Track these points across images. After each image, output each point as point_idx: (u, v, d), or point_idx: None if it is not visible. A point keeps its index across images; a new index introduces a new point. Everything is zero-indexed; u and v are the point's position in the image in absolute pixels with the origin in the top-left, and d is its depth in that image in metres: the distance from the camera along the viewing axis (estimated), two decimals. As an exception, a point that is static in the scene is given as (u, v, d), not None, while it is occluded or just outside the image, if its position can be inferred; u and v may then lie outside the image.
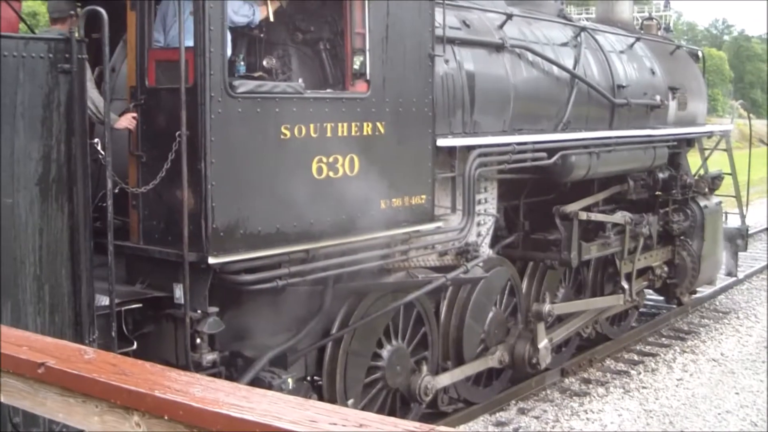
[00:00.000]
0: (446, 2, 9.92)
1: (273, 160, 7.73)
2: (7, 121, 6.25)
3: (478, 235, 10.80)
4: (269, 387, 7.96)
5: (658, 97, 14.44)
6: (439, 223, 9.59)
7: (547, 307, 11.89)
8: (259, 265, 7.76)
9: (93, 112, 7.03)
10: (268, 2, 8.24)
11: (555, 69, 12.01)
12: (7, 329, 3.61)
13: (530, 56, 11.60)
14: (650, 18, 18.16)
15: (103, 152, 6.92)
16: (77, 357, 3.18)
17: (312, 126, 7.98)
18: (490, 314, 11.34)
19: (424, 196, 9.23)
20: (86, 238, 6.66)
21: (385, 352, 9.67)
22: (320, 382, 9.17)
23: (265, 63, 8.20)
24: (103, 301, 6.97)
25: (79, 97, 6.56)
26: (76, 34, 6.56)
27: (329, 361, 9.16)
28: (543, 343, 11.77)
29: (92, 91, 7.09)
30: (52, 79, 6.47)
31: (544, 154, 11.35)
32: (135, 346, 7.24)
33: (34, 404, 3.17)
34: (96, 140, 6.94)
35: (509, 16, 11.53)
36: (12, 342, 3.34)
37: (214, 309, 7.47)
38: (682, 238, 15.60)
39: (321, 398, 9.01)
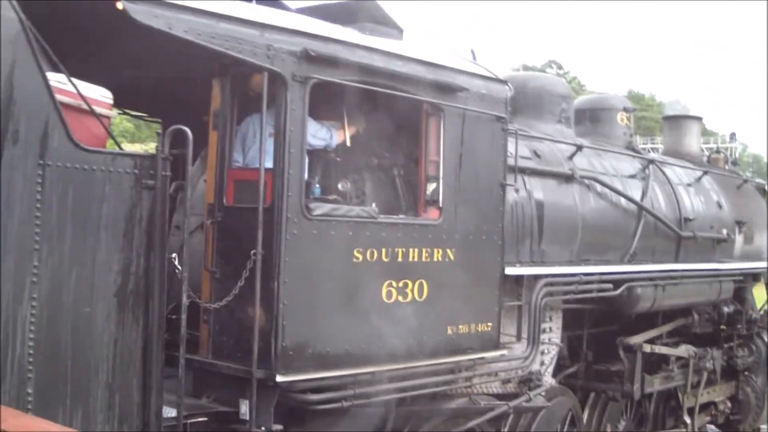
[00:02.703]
0: (518, 132, 10.04)
1: (344, 283, 7.80)
2: (91, 233, 6.38)
3: (542, 363, 10.72)
4: (328, 508, 7.91)
5: (724, 231, 14.39)
6: (504, 351, 9.54)
7: (608, 439, 11.72)
8: (325, 385, 7.76)
9: None
10: (346, 127, 8.41)
11: (623, 200, 12.05)
12: None
13: (599, 187, 11.67)
14: (718, 151, 18.18)
15: (179, 267, 7.02)
16: None
17: (384, 250, 8.06)
18: (550, 444, 11.17)
19: (490, 324, 9.22)
20: (158, 350, 6.71)
21: (445, 477, 9.53)
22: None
23: (340, 186, 8.32)
24: (170, 413, 6.99)
25: (160, 212, 6.69)
26: (162, 152, 6.71)
27: (389, 483, 9.05)
28: (603, 475, 11.56)
29: None
30: (136, 193, 6.60)
31: (609, 285, 11.32)
32: (197, 459, 7.22)
33: None
34: (174, 255, 7.05)
35: (579, 148, 11.64)
36: None
37: (278, 427, 7.47)
38: (746, 373, 15.34)
39: None
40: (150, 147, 7.35)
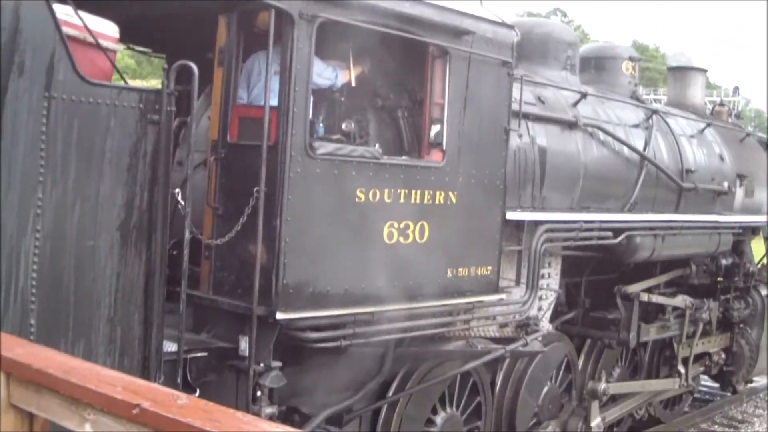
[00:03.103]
0: (523, 78, 10.00)
1: (346, 222, 7.81)
2: (95, 167, 6.38)
3: (539, 309, 10.77)
4: (322, 445, 8.00)
5: (725, 184, 14.37)
6: (503, 295, 9.57)
7: (602, 386, 11.81)
8: (324, 324, 7.80)
9: None
10: (351, 67, 8.37)
11: (625, 149, 12.02)
12: (101, 368, 3.67)
13: (602, 135, 11.63)
14: (722, 104, 18.08)
15: (183, 202, 7.03)
16: (170, 401, 3.21)
17: (386, 191, 8.06)
18: (545, 389, 11.27)
19: (489, 268, 9.24)
20: (160, 284, 6.74)
21: (438, 419, 9.61)
22: (372, 444, 9.14)
23: (344, 126, 8.29)
24: (171, 347, 7.04)
25: (164, 147, 6.68)
26: (168, 87, 6.69)
27: (383, 423, 9.13)
28: (596, 421, 11.67)
29: None
30: (141, 128, 6.59)
31: (609, 234, 11.33)
32: (197, 393, 7.28)
33: (126, 443, 3.20)
34: (177, 190, 7.05)
35: (583, 95, 11.59)
36: (107, 381, 3.39)
37: (277, 363, 7.51)
38: (741, 326, 15.43)
39: (372, 459, 9.00)
40: (151, 84, 7.32)
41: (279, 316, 7.37)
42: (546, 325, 10.93)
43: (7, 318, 5.99)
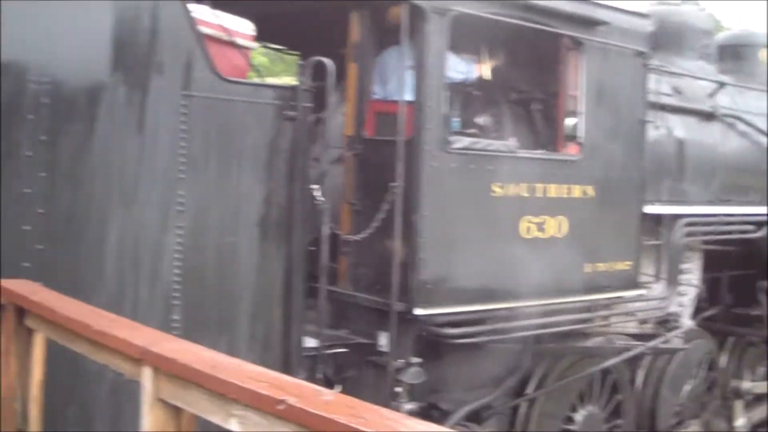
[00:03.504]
0: (659, 68, 9.75)
1: (483, 217, 7.71)
2: (234, 164, 6.41)
3: (680, 305, 10.45)
4: (462, 441, 7.90)
5: None
6: (642, 291, 9.34)
7: (746, 385, 11.42)
8: (462, 320, 7.71)
9: None
10: (485, 61, 8.26)
11: (765, 140, 11.60)
12: (247, 364, 3.64)
13: (741, 126, 11.26)
14: None
15: (321, 198, 7.01)
16: (315, 397, 3.15)
17: (523, 185, 7.94)
18: (687, 387, 10.92)
19: (628, 263, 9.02)
20: (300, 280, 6.74)
21: (578, 417, 9.39)
22: (512, 441, 9.00)
23: (479, 120, 8.19)
24: (311, 343, 7.03)
25: (301, 143, 6.68)
26: (303, 83, 6.69)
27: (522, 420, 8.96)
28: (740, 421, 11.31)
29: None
30: (277, 125, 6.60)
31: (751, 227, 10.95)
32: (338, 389, 7.24)
33: (271, 439, 3.16)
34: (315, 186, 7.04)
35: (721, 85, 11.23)
36: (253, 377, 3.36)
37: (416, 360, 7.45)
38: None
39: (511, 457, 8.86)
40: (283, 80, 7.37)
41: (417, 311, 7.32)
42: (687, 322, 10.60)
43: (152, 314, 6.04)
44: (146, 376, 3.79)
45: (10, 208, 5.49)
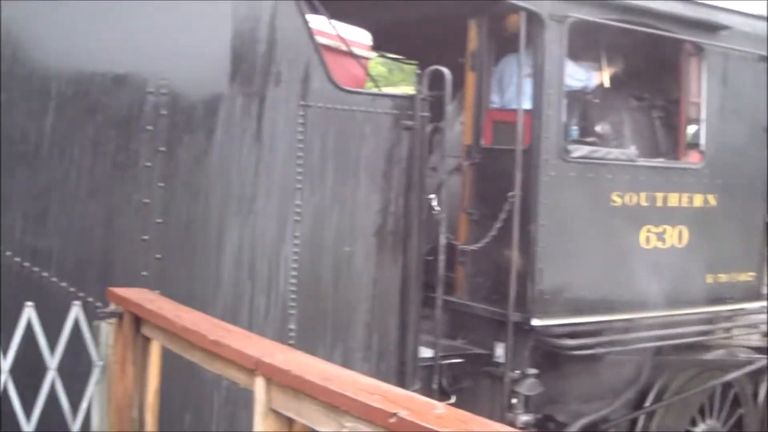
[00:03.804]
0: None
1: (601, 227, 7.47)
2: (351, 173, 6.28)
3: (806, 318, 9.98)
4: (579, 455, 7.64)
5: None
6: (766, 303, 8.92)
7: None
8: (580, 331, 7.47)
9: None
10: (604, 68, 8.01)
11: None
12: (359, 376, 3.53)
13: None
14: None
15: (438, 207, 6.85)
16: (428, 410, 3.03)
17: (643, 195, 7.66)
18: (812, 402, 10.43)
19: (751, 273, 8.64)
20: (416, 290, 6.57)
21: (698, 431, 9.04)
22: (629, 455, 8.69)
23: (598, 128, 7.94)
24: (426, 353, 6.86)
25: (419, 153, 6.51)
26: (421, 93, 6.52)
27: (641, 434, 8.67)
28: None
29: None
30: (395, 134, 6.45)
31: None
32: (453, 400, 7.07)
33: (382, 451, 3.06)
34: (432, 196, 6.88)
35: None
36: (365, 389, 3.26)
37: (533, 371, 7.25)
38: None
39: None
40: (402, 90, 7.24)
41: (535, 322, 7.12)
42: (813, 335, 10.12)
43: (267, 323, 5.96)
44: (259, 387, 3.72)
45: (130, 217, 5.45)
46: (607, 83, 8.03)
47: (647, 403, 8.56)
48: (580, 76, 7.79)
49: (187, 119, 5.64)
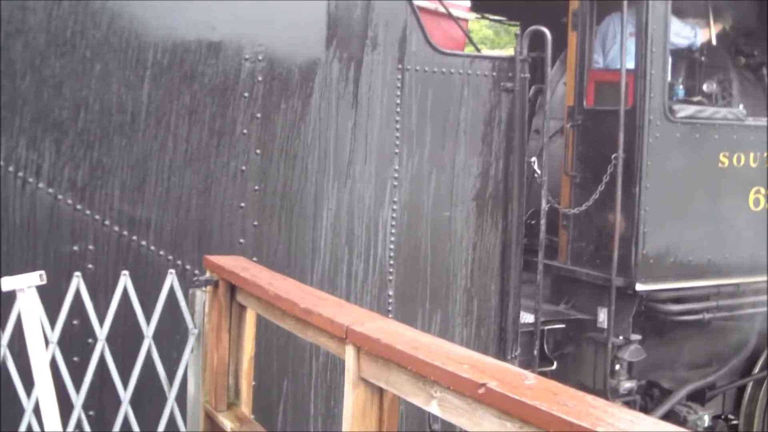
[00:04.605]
0: None
1: (708, 189, 7.10)
2: (450, 137, 6.04)
3: None
4: (684, 422, 7.31)
5: None
6: None
7: None
8: (685, 296, 7.13)
9: None
10: (711, 25, 7.57)
11: None
12: (449, 345, 3.36)
13: None
14: None
15: (539, 171, 6.57)
16: (518, 381, 2.86)
17: (752, 155, 7.25)
18: None
19: None
20: (517, 254, 6.32)
21: (808, 398, 8.61)
22: (736, 422, 8.31)
23: (704, 87, 7.52)
24: (527, 318, 6.62)
25: (519, 115, 6.23)
26: (521, 54, 6.23)
27: (748, 401, 8.26)
28: None
29: None
30: (494, 96, 6.18)
31: None
32: (554, 366, 6.82)
33: (470, 423, 2.91)
34: (533, 159, 6.60)
35: None
36: (454, 359, 3.10)
37: (636, 337, 6.96)
38: None
39: (736, 439, 8.20)
40: (510, 52, 6.99)
41: (639, 287, 6.80)
42: None
43: (366, 289, 5.78)
44: (349, 355, 3.57)
45: (227, 185, 5.31)
46: (714, 40, 7.58)
47: (756, 371, 8.17)
48: (686, 33, 7.38)
49: (284, 85, 5.46)
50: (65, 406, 4.40)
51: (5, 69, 4.81)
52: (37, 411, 4.27)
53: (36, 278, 4.24)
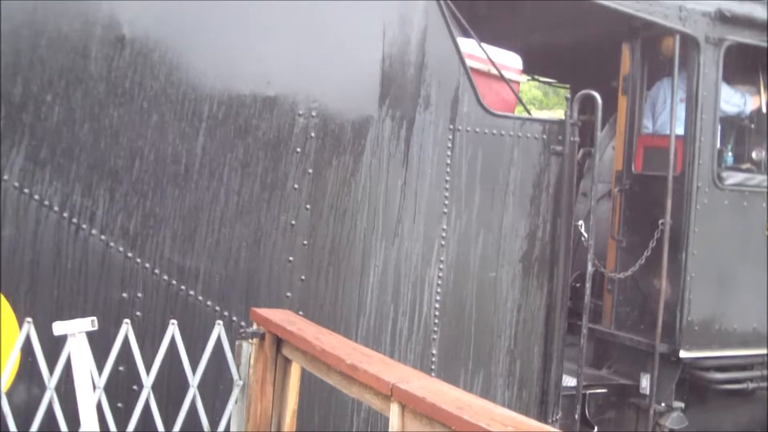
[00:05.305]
0: None
1: (754, 257, 7.07)
2: (499, 198, 6.05)
3: None
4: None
5: None
6: None
7: None
8: (730, 364, 7.07)
9: None
10: (762, 92, 7.55)
11: None
12: (493, 406, 3.39)
13: None
14: None
15: (585, 234, 6.56)
16: None
17: (799, 224, 7.20)
18: None
19: None
20: (561, 317, 6.29)
21: None
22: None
23: (753, 155, 7.49)
24: (569, 382, 6.57)
25: (568, 178, 6.23)
26: (571, 117, 6.25)
27: (789, 471, 8.14)
28: None
29: None
30: (544, 159, 6.19)
31: None
32: (595, 430, 6.76)
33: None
34: (580, 222, 6.60)
35: None
36: (498, 420, 3.15)
37: (679, 404, 6.89)
38: None
39: None
40: (558, 114, 6.93)
41: (683, 354, 6.76)
42: None
43: (410, 347, 5.78)
44: (394, 413, 3.61)
45: (276, 238, 5.34)
46: (764, 108, 7.57)
47: (797, 440, 8.05)
48: (736, 100, 7.37)
49: (336, 142, 5.51)
50: (109, 453, 4.43)
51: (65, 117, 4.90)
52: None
53: (87, 324, 4.30)
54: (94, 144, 4.97)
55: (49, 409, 4.43)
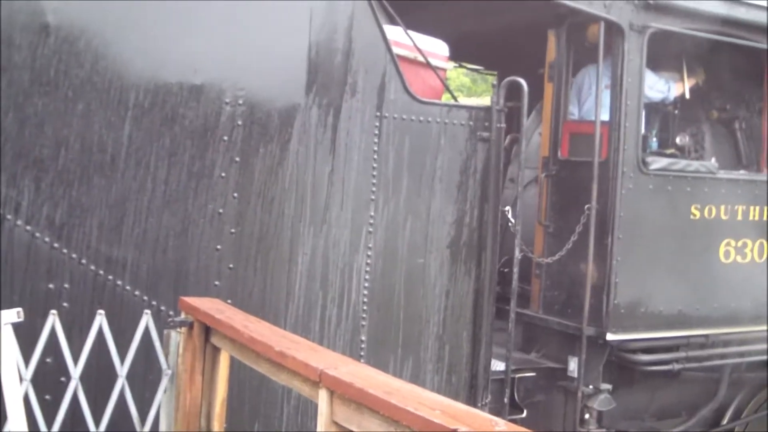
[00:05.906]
0: None
1: (680, 240, 7.26)
2: (425, 184, 6.16)
3: None
4: (653, 471, 7.43)
5: None
6: None
7: None
8: (656, 346, 7.26)
9: None
10: (685, 79, 7.76)
11: None
12: (421, 390, 3.48)
13: None
14: None
15: (513, 220, 6.70)
16: (488, 427, 2.98)
17: (723, 208, 7.43)
18: None
19: (836, 290, 8.29)
20: (489, 302, 6.43)
21: (778, 449, 8.74)
22: (704, 473, 8.43)
23: (678, 140, 7.71)
24: (498, 366, 6.72)
25: (494, 164, 6.37)
26: (497, 104, 6.37)
27: (717, 452, 8.39)
28: None
29: None
30: (470, 145, 6.31)
31: None
32: (525, 414, 6.91)
33: (439, 468, 2.99)
34: (507, 208, 6.73)
35: None
36: (426, 404, 3.20)
37: (606, 386, 7.07)
38: None
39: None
40: (486, 100, 7.09)
41: (609, 336, 6.93)
42: None
43: (338, 334, 5.87)
44: (322, 399, 3.67)
45: (204, 227, 5.40)
46: (687, 94, 7.78)
47: (724, 421, 8.30)
48: (660, 87, 7.57)
49: (263, 130, 5.57)
50: (37, 445, 4.45)
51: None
52: (9, 449, 4.32)
53: (13, 315, 4.31)
54: (19, 133, 4.98)
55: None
